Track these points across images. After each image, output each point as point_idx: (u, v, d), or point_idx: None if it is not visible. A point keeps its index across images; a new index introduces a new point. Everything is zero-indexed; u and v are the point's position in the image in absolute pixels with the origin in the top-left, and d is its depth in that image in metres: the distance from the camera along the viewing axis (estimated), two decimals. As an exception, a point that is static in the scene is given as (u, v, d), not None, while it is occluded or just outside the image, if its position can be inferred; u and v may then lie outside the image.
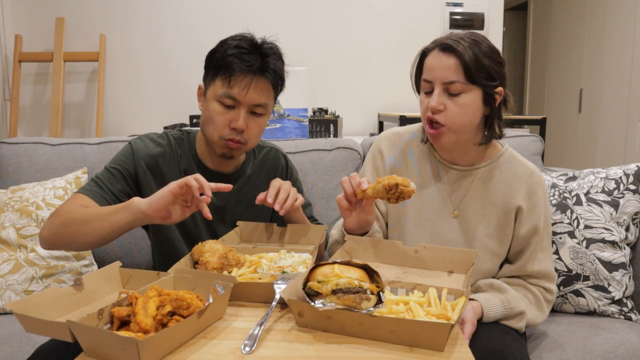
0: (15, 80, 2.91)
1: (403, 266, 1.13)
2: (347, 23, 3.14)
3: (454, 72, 1.17)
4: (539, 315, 1.24)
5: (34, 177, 1.78)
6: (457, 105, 1.18)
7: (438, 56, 1.19)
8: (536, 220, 1.25)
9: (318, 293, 0.86)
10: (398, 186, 1.09)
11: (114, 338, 0.73)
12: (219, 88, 1.24)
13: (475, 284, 1.26)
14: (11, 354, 1.32)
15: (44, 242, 1.17)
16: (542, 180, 1.29)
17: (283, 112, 2.44)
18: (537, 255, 1.25)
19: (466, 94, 1.18)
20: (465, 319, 1.09)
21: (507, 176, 1.28)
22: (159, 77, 3.10)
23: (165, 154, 1.34)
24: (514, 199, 1.26)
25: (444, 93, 1.19)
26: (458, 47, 1.16)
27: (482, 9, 3.15)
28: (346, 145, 1.92)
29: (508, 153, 1.31)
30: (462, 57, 1.16)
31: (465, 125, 1.21)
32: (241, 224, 1.31)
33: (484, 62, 1.17)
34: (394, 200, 1.10)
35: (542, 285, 1.25)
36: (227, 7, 3.06)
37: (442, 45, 1.19)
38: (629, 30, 3.60)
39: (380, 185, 1.11)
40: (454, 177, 1.30)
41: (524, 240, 1.26)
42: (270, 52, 1.26)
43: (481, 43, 1.19)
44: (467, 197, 1.28)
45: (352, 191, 1.15)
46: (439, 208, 1.29)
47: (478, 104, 1.20)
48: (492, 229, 1.26)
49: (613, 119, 3.80)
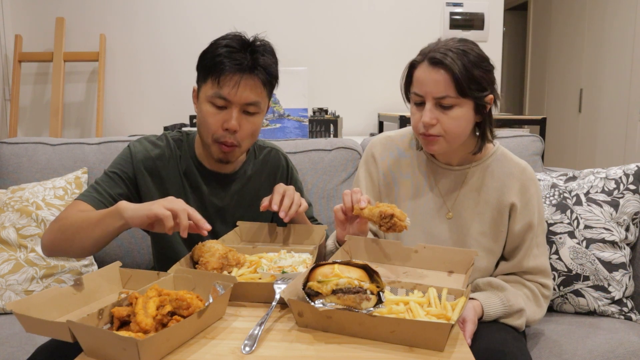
0: (15, 80, 2.91)
1: (403, 266, 1.13)
2: (347, 23, 3.14)
3: (445, 87, 1.16)
4: (537, 311, 1.24)
5: (34, 177, 1.78)
6: (450, 118, 1.18)
7: (427, 70, 1.18)
8: (530, 216, 1.26)
9: (318, 293, 0.86)
10: (393, 217, 1.10)
11: (114, 338, 0.73)
12: (210, 89, 1.23)
13: (474, 282, 1.26)
14: (11, 354, 1.32)
15: (44, 249, 1.19)
16: (534, 177, 1.29)
17: (283, 112, 2.44)
18: (533, 251, 1.26)
19: (458, 107, 1.17)
20: (467, 318, 1.10)
21: (500, 174, 1.28)
22: (159, 77, 3.10)
23: (164, 156, 1.34)
24: (507, 196, 1.26)
25: (435, 107, 1.18)
26: (446, 60, 1.14)
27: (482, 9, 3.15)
28: (346, 145, 1.92)
29: (500, 152, 1.32)
30: (452, 71, 1.14)
31: (459, 136, 1.21)
32: (241, 224, 1.31)
33: (474, 74, 1.16)
34: (384, 229, 1.11)
35: (538, 281, 1.26)
36: (227, 7, 3.06)
37: (431, 59, 1.17)
38: (629, 30, 3.61)
39: (376, 210, 1.12)
40: (448, 178, 1.31)
41: (518, 237, 1.26)
42: (260, 50, 1.25)
43: (470, 52, 1.17)
44: (461, 197, 1.29)
45: (350, 206, 1.16)
46: (434, 210, 1.30)
47: (470, 115, 1.20)
48: (487, 226, 1.27)
49: (613, 119, 3.80)
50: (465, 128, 1.21)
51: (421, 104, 1.21)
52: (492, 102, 1.22)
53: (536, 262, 1.26)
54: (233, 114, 1.23)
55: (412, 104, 1.24)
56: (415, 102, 1.23)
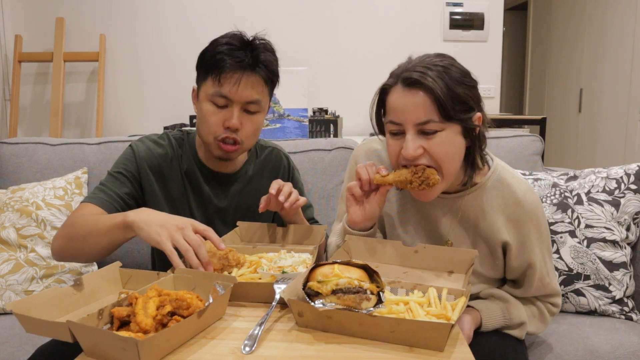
0: (15, 80, 2.91)
1: (403, 266, 1.13)
2: (347, 23, 3.14)
3: (426, 111, 1.01)
4: (540, 326, 1.20)
5: (34, 177, 1.78)
6: (437, 144, 1.03)
7: (404, 94, 1.02)
8: (529, 256, 1.14)
9: (318, 293, 0.85)
10: (425, 170, 1.02)
11: (114, 338, 0.73)
12: (210, 87, 1.22)
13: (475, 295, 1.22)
14: (11, 354, 1.32)
15: (54, 255, 1.18)
16: (533, 209, 1.13)
17: (283, 112, 2.44)
18: (539, 284, 1.16)
19: (443, 132, 1.02)
20: (463, 332, 1.06)
21: (492, 206, 1.14)
22: (159, 77, 3.10)
23: (167, 155, 1.33)
24: (499, 233, 1.14)
25: (417, 136, 1.03)
26: (426, 80, 0.99)
27: (482, 9, 3.16)
28: (346, 145, 1.92)
29: (496, 175, 1.16)
30: (434, 92, 0.99)
31: (452, 164, 1.06)
32: (241, 224, 1.31)
33: (458, 92, 1.01)
34: (416, 185, 1.03)
35: (548, 301, 1.20)
36: (227, 7, 3.06)
37: (407, 80, 1.02)
38: (629, 30, 3.60)
39: (403, 170, 1.05)
40: (438, 205, 1.18)
41: (518, 272, 1.17)
42: (260, 47, 1.24)
43: (450, 68, 1.02)
44: (453, 226, 1.17)
45: (368, 177, 1.09)
46: (423, 238, 1.21)
47: (459, 140, 1.05)
48: (482, 257, 1.17)
49: (613, 119, 3.80)
50: (455, 154, 1.06)
51: (398, 134, 1.06)
52: (481, 122, 1.07)
53: (546, 290, 1.17)
54: (234, 113, 1.22)
55: (388, 134, 1.08)
56: (391, 132, 1.07)
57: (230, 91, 1.21)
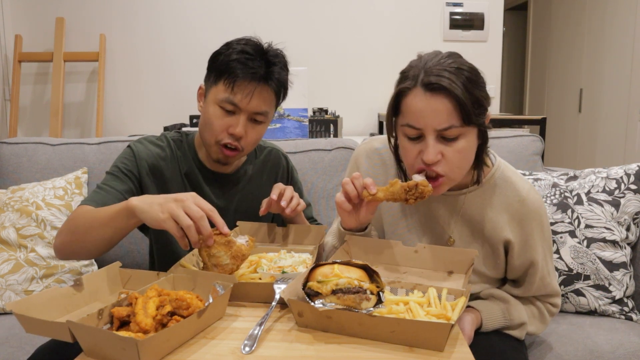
0: (15, 80, 2.91)
1: (403, 266, 1.13)
2: (347, 23, 3.14)
3: (448, 116, 0.98)
4: (540, 327, 1.20)
5: (34, 177, 1.78)
6: (456, 151, 1.01)
7: (425, 98, 0.99)
8: (531, 254, 1.14)
9: (318, 293, 0.86)
10: (418, 186, 1.02)
11: (114, 338, 0.73)
12: (221, 92, 1.22)
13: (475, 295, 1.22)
14: (11, 354, 1.32)
15: (56, 252, 1.14)
16: (537, 207, 1.13)
17: (283, 112, 2.44)
18: (539, 283, 1.16)
19: (463, 137, 1.01)
20: (464, 332, 1.06)
21: (496, 204, 1.14)
22: (159, 77, 3.10)
23: (166, 156, 1.33)
24: (502, 231, 1.13)
25: (438, 141, 1.01)
26: (444, 81, 0.96)
27: (482, 9, 3.16)
28: (346, 145, 1.92)
29: (499, 173, 1.15)
30: (455, 96, 0.97)
31: (464, 169, 1.07)
32: (241, 224, 1.31)
33: (476, 96, 0.99)
34: (412, 201, 1.03)
35: (548, 302, 1.20)
36: (227, 7, 3.06)
37: (427, 85, 0.98)
38: (629, 30, 3.60)
39: (397, 187, 1.04)
40: (441, 202, 1.17)
41: (519, 271, 1.17)
42: (275, 61, 1.24)
43: (463, 68, 1.00)
44: (456, 223, 1.17)
45: (356, 193, 1.06)
46: (426, 235, 1.20)
47: (474, 144, 1.05)
48: (483, 255, 1.17)
49: (613, 119, 3.80)
50: (469, 161, 1.06)
51: (417, 139, 1.03)
52: (489, 121, 1.06)
53: (546, 290, 1.18)
54: (240, 121, 1.22)
55: (404, 138, 1.05)
56: (409, 137, 1.04)
57: (241, 101, 1.21)
